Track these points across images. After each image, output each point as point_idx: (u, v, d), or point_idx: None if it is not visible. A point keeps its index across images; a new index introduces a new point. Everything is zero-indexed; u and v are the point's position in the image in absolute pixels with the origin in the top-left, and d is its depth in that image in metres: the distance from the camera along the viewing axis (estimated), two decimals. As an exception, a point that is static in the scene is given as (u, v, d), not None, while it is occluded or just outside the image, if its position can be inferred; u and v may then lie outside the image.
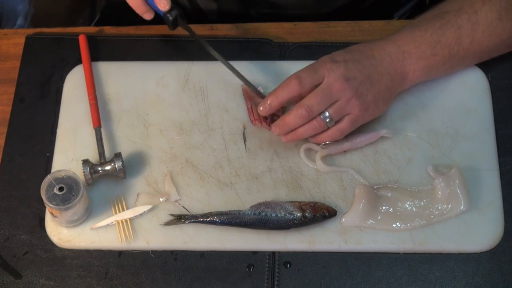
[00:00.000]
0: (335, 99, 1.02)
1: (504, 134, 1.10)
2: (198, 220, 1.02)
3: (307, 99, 1.01)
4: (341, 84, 1.01)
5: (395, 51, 1.05)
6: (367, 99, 1.03)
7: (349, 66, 1.02)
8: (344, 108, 1.02)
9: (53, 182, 1.00)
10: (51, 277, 1.01)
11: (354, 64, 1.03)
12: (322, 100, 1.01)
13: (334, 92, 1.01)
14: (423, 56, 1.05)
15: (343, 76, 1.01)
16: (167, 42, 1.19)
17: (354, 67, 1.02)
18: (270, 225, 1.01)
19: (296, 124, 1.03)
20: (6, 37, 1.21)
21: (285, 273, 1.01)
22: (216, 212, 1.02)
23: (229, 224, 1.02)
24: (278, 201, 1.03)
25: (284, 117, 1.03)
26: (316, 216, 1.01)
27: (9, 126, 1.12)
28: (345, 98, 1.02)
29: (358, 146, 1.08)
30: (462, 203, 1.03)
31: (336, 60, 1.02)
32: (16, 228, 1.05)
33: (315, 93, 1.01)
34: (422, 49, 1.05)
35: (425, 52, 1.05)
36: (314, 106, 1.01)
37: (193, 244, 1.03)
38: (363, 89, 1.02)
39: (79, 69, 1.16)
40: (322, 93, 1.01)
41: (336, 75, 1.01)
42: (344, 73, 1.01)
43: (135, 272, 1.01)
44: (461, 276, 1.00)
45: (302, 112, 1.01)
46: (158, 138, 1.10)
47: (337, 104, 1.02)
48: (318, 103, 1.01)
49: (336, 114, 1.03)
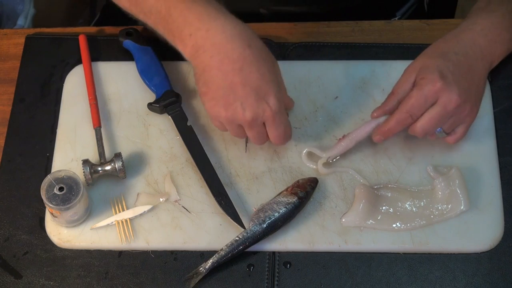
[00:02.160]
0: (451, 115, 1.00)
1: (504, 134, 1.10)
2: (215, 263, 0.99)
3: (422, 123, 0.99)
4: (456, 101, 0.98)
5: (483, 43, 1.03)
6: (475, 103, 1.02)
7: (457, 78, 0.99)
8: (458, 121, 1.01)
9: (53, 182, 1.00)
10: (51, 277, 1.01)
11: (460, 73, 1.00)
12: (438, 123, 1.00)
13: (450, 111, 0.99)
14: (504, 41, 1.05)
15: (456, 93, 0.98)
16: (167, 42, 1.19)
17: (460, 77, 0.99)
18: (280, 224, 1.01)
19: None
20: (6, 37, 1.21)
21: (285, 273, 1.01)
22: (225, 247, 1.00)
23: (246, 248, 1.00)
24: (268, 201, 1.03)
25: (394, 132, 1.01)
26: (308, 192, 1.03)
27: (9, 126, 1.12)
28: (459, 112, 1.00)
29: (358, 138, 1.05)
30: (462, 203, 1.03)
31: (444, 74, 0.98)
32: (16, 228, 1.05)
33: (430, 117, 0.99)
34: (504, 35, 1.05)
35: (506, 37, 1.05)
36: (429, 129, 1.00)
37: (193, 244, 1.03)
38: (472, 95, 1.01)
39: (79, 69, 1.16)
40: (438, 116, 0.99)
41: (450, 95, 0.98)
42: (456, 89, 0.98)
43: (135, 272, 1.01)
44: (461, 276, 1.00)
45: (416, 132, 1.00)
46: (158, 138, 1.10)
47: (452, 120, 1.01)
48: (433, 126, 1.00)
49: (451, 128, 1.02)
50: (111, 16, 1.41)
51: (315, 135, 1.10)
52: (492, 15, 1.05)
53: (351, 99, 1.12)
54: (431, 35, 1.19)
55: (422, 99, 0.98)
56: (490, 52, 1.04)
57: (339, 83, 1.14)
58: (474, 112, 1.03)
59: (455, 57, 1.01)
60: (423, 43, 1.17)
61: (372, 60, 1.16)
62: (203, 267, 0.99)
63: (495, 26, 1.05)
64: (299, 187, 1.03)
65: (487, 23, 1.05)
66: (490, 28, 1.04)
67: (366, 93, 1.13)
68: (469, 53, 1.02)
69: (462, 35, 1.04)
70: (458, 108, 0.99)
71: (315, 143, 1.09)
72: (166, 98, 1.10)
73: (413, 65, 1.02)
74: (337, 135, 1.09)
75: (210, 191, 1.04)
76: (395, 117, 1.00)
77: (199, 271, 0.99)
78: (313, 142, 1.09)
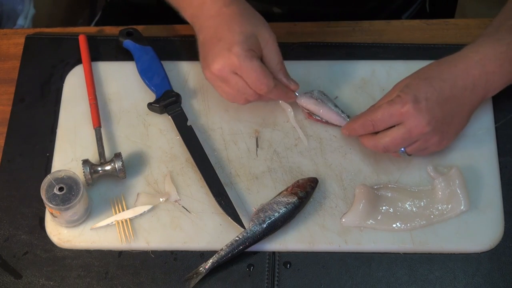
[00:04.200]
0: (415, 140, 1.00)
1: (504, 134, 1.10)
2: (215, 263, 0.99)
3: (384, 139, 1.00)
4: (423, 128, 0.98)
5: (479, 74, 1.00)
6: (447, 134, 1.01)
7: (431, 105, 0.97)
8: (423, 147, 1.01)
9: (53, 182, 1.00)
10: (51, 277, 1.01)
11: (436, 101, 0.98)
12: (400, 144, 1.00)
13: (414, 136, 0.99)
14: (505, 73, 1.01)
15: (425, 121, 0.97)
16: (167, 42, 1.19)
17: (436, 105, 0.98)
18: (280, 224, 1.01)
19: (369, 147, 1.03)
20: (6, 37, 1.21)
21: (285, 273, 1.01)
22: (225, 247, 1.00)
23: (245, 249, 1.00)
24: (268, 201, 1.03)
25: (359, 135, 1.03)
26: (308, 192, 1.03)
27: (9, 126, 1.12)
28: (425, 139, 1.00)
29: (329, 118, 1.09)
30: (462, 203, 1.03)
31: (418, 99, 0.97)
32: (16, 228, 1.05)
33: (392, 137, 0.99)
34: (505, 67, 1.00)
35: (507, 69, 1.01)
36: (390, 147, 1.00)
37: (193, 244, 1.03)
38: (444, 126, 1.00)
39: (79, 69, 1.16)
40: (401, 138, 0.99)
41: (417, 121, 0.97)
42: (426, 117, 0.97)
43: (135, 272, 1.01)
44: (461, 276, 1.00)
45: (378, 148, 1.01)
46: (158, 138, 1.10)
47: (416, 144, 1.00)
48: (395, 145, 1.00)
49: (413, 152, 1.02)
50: (111, 16, 1.41)
51: (315, 135, 1.10)
52: (497, 44, 1.01)
53: (351, 99, 1.12)
54: (431, 35, 1.19)
55: (387, 114, 0.98)
56: (485, 84, 1.00)
57: (339, 83, 1.14)
58: (443, 144, 1.02)
59: (439, 84, 0.99)
60: (423, 43, 1.17)
61: (372, 60, 1.16)
62: (203, 267, 0.99)
63: (498, 57, 1.00)
64: (299, 187, 1.03)
65: (490, 52, 1.00)
66: (491, 58, 1.00)
67: (366, 93, 1.13)
68: (458, 83, 0.99)
69: (457, 62, 1.01)
70: (424, 135, 0.99)
71: (315, 143, 1.09)
72: (166, 98, 1.11)
73: (401, 81, 1.01)
74: (337, 135, 1.09)
75: (210, 191, 1.04)
76: (360, 120, 1.01)
77: (199, 271, 0.99)
78: (313, 142, 1.09)
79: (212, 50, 1.01)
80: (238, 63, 0.99)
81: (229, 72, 1.00)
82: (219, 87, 1.04)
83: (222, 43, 1.00)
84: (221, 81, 1.02)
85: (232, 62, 0.99)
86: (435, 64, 1.02)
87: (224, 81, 1.02)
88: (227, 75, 1.00)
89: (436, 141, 1.00)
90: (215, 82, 1.03)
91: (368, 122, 1.00)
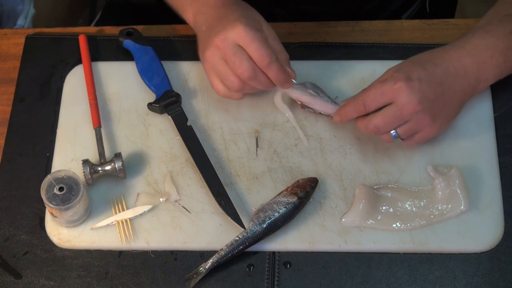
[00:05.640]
0: (406, 120, 0.99)
1: (504, 134, 1.10)
2: (215, 263, 0.99)
3: (375, 119, 0.99)
4: (414, 107, 0.97)
5: (470, 62, 1.01)
6: (439, 118, 1.00)
7: (423, 86, 0.98)
8: (415, 129, 1.00)
9: (53, 182, 1.00)
10: (51, 277, 1.01)
11: (428, 83, 0.98)
12: (391, 123, 0.99)
13: (406, 114, 0.98)
14: (496, 64, 1.02)
15: (417, 99, 0.97)
16: (168, 42, 1.19)
17: (428, 86, 0.98)
18: (280, 224, 1.01)
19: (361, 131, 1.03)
20: (6, 37, 1.21)
21: (285, 273, 1.01)
22: (225, 247, 1.00)
23: (245, 249, 1.00)
24: (268, 201, 1.03)
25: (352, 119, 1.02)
26: (308, 192, 1.03)
27: (9, 126, 1.12)
28: (417, 120, 0.99)
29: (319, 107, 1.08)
30: (462, 203, 1.03)
31: (410, 77, 0.97)
32: (16, 228, 1.05)
33: (384, 115, 0.99)
34: (496, 57, 1.02)
35: (498, 60, 1.02)
36: (381, 127, 0.99)
37: (193, 244, 1.03)
38: (436, 109, 0.99)
39: (79, 69, 1.16)
40: (392, 116, 0.98)
41: (409, 98, 0.97)
42: (418, 95, 0.97)
43: (135, 272, 1.01)
44: (461, 276, 1.00)
45: (369, 129, 1.00)
46: (158, 138, 1.10)
47: (408, 125, 1.00)
48: (386, 125, 0.99)
49: (406, 134, 1.01)
50: (111, 16, 1.41)
51: (315, 135, 1.10)
52: (487, 35, 1.02)
53: (351, 99, 1.12)
54: (431, 35, 1.19)
55: (379, 92, 0.98)
56: (476, 72, 1.01)
57: (339, 83, 1.14)
58: (435, 126, 1.01)
59: (432, 68, 0.99)
60: (423, 43, 1.17)
61: (372, 60, 1.16)
62: (203, 267, 0.99)
63: (488, 47, 1.02)
64: (299, 187, 1.03)
65: (480, 43, 1.02)
66: (482, 48, 1.01)
67: (366, 93, 1.13)
68: (449, 68, 1.00)
69: (451, 51, 1.02)
70: (415, 115, 0.98)
71: (315, 143, 1.09)
72: (166, 98, 1.11)
73: (393, 66, 1.02)
74: (337, 135, 1.09)
75: (210, 191, 1.04)
76: (351, 102, 1.01)
77: (199, 271, 0.99)
78: (313, 142, 1.09)
79: (215, 28, 1.01)
80: (243, 31, 0.98)
81: (232, 43, 0.99)
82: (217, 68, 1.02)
83: (226, 20, 1.00)
84: (220, 58, 1.01)
85: (238, 31, 0.99)
86: (428, 51, 1.03)
87: (223, 57, 1.00)
88: (229, 46, 0.99)
89: (428, 122, 0.99)
90: (214, 62, 1.01)
91: (359, 102, 1.00)
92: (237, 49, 0.99)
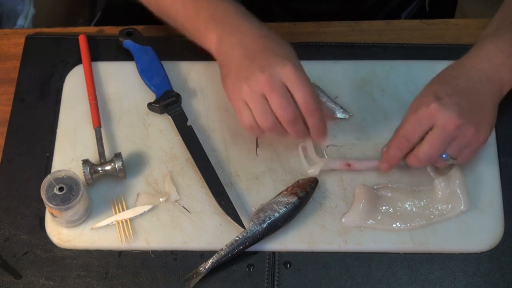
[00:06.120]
0: (452, 138, 0.96)
1: (504, 134, 1.10)
2: (215, 263, 0.99)
3: (423, 148, 0.97)
4: (455, 121, 0.94)
5: (488, 67, 1.00)
6: (482, 126, 0.98)
7: (455, 100, 0.95)
8: (463, 143, 0.97)
9: (53, 182, 1.00)
10: (51, 277, 1.01)
11: (458, 95, 0.96)
12: (439, 145, 0.97)
13: (450, 131, 0.95)
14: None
15: (455, 113, 0.94)
16: (167, 42, 1.19)
17: (460, 98, 0.96)
18: (280, 224, 1.01)
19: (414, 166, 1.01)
20: (6, 37, 1.21)
21: (285, 273, 1.01)
22: (225, 247, 1.00)
23: (245, 248, 1.00)
24: (268, 201, 1.03)
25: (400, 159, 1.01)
26: (308, 192, 1.03)
27: (9, 126, 1.12)
28: (462, 134, 0.96)
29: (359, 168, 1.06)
30: (462, 203, 1.03)
31: (440, 96, 0.95)
32: (16, 228, 1.05)
33: (429, 141, 0.96)
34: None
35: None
36: (432, 153, 0.97)
37: (193, 244, 1.03)
38: (476, 118, 0.97)
39: (79, 69, 1.16)
40: (438, 139, 0.96)
41: (447, 115, 0.94)
42: (455, 109, 0.94)
43: (135, 272, 1.01)
44: (461, 276, 1.00)
45: (421, 159, 0.98)
46: (158, 138, 1.10)
47: (455, 143, 0.97)
48: (435, 149, 0.97)
49: (456, 152, 0.98)
50: (111, 16, 1.41)
51: (315, 135, 1.10)
52: (499, 40, 1.01)
53: (351, 99, 1.12)
54: (431, 35, 1.19)
55: (416, 122, 0.97)
56: (497, 75, 1.00)
57: (339, 83, 1.14)
58: (481, 135, 0.98)
59: (454, 81, 0.98)
60: (423, 43, 1.17)
61: (372, 60, 1.16)
62: (203, 267, 0.99)
63: (502, 51, 1.00)
64: (299, 187, 1.03)
65: (493, 48, 1.01)
66: (496, 52, 1.00)
67: (366, 93, 1.13)
68: (471, 76, 0.99)
69: (466, 61, 1.01)
70: (459, 129, 0.96)
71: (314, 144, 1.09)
72: (166, 98, 1.11)
73: (417, 96, 1.00)
74: (337, 135, 1.09)
75: (210, 191, 1.04)
76: (393, 143, 1.00)
77: (199, 271, 0.99)
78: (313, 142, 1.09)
79: (258, 61, 0.97)
80: (294, 74, 0.96)
81: (280, 82, 0.96)
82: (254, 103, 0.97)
83: (273, 55, 0.97)
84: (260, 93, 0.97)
85: (288, 72, 0.96)
86: (442, 70, 1.02)
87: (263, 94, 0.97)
88: (277, 85, 0.96)
89: (473, 133, 0.97)
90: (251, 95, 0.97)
91: (401, 139, 0.98)
92: (284, 91, 0.96)
